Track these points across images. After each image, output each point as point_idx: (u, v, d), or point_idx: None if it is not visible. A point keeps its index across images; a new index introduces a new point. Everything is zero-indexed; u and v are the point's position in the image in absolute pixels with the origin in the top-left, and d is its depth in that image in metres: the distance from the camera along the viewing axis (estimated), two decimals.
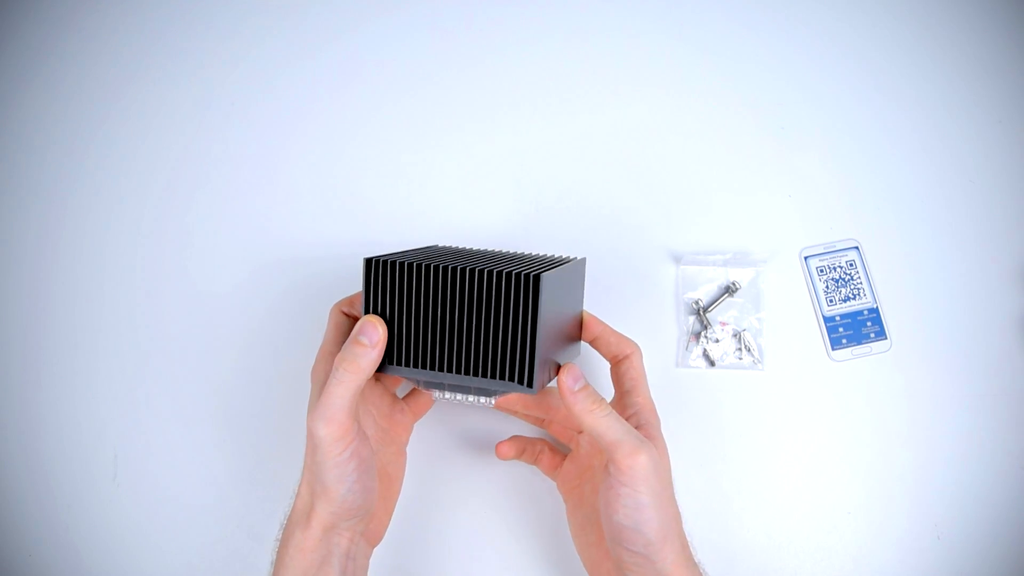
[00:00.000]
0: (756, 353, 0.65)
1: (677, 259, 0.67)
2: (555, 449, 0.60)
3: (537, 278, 0.46)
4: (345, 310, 0.55)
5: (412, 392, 0.60)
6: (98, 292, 0.68)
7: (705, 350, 0.65)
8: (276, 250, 0.68)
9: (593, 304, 0.62)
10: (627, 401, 0.53)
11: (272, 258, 0.68)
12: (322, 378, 0.51)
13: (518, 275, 0.47)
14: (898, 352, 0.65)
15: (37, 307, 0.68)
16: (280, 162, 0.71)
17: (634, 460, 0.46)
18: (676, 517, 0.49)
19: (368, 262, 0.50)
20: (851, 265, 0.67)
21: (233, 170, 0.71)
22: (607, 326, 0.56)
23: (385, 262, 0.49)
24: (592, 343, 0.57)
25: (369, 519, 0.52)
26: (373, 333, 0.48)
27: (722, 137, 0.70)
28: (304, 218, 0.69)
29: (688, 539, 0.50)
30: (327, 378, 0.48)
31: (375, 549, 0.55)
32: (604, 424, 0.47)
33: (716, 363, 0.65)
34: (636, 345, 0.55)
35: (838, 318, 0.66)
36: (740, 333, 0.65)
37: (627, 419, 0.51)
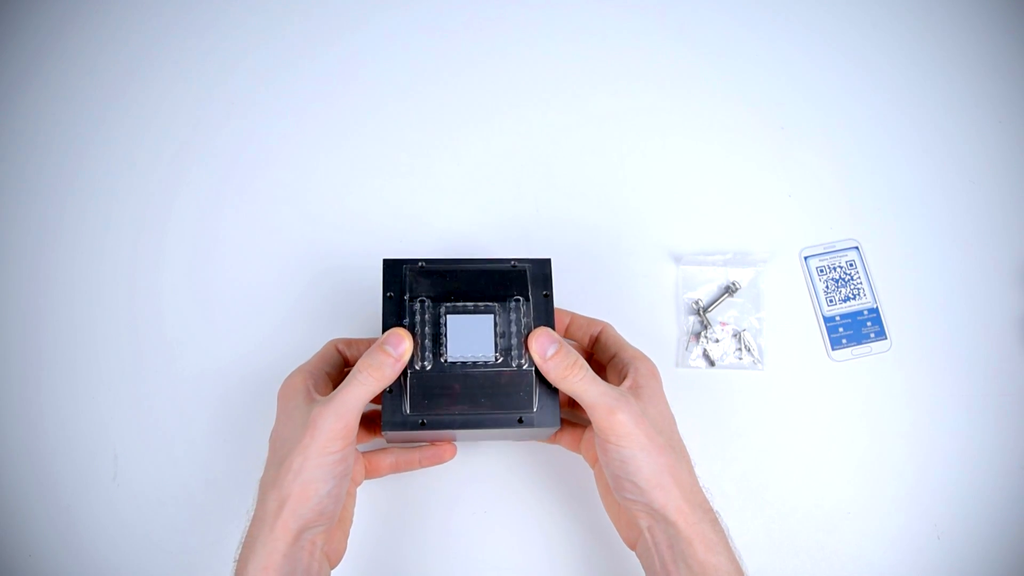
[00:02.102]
0: (756, 353, 0.65)
1: (677, 259, 0.67)
2: (574, 424, 0.58)
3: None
4: (341, 347, 0.55)
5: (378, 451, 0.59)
6: (98, 292, 0.68)
7: (705, 350, 0.65)
8: (276, 250, 0.68)
9: (593, 304, 0.62)
10: (616, 360, 0.54)
11: (272, 258, 0.68)
12: (293, 396, 0.50)
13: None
14: (898, 352, 0.65)
15: (37, 307, 0.68)
16: (280, 162, 0.71)
17: (612, 419, 0.47)
18: (672, 464, 0.49)
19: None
20: (851, 265, 0.67)
21: (233, 170, 0.70)
22: (573, 313, 0.58)
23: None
24: (565, 335, 0.58)
25: (331, 533, 0.51)
26: (400, 344, 0.48)
27: (722, 137, 0.70)
28: (304, 218, 0.69)
29: (698, 480, 0.50)
30: (303, 395, 0.49)
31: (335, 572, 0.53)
32: (580, 388, 0.48)
33: (716, 363, 0.65)
34: (605, 321, 0.57)
35: (838, 318, 0.66)
36: (740, 333, 0.65)
37: (624, 376, 0.52)
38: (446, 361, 0.50)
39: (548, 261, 0.55)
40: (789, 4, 0.73)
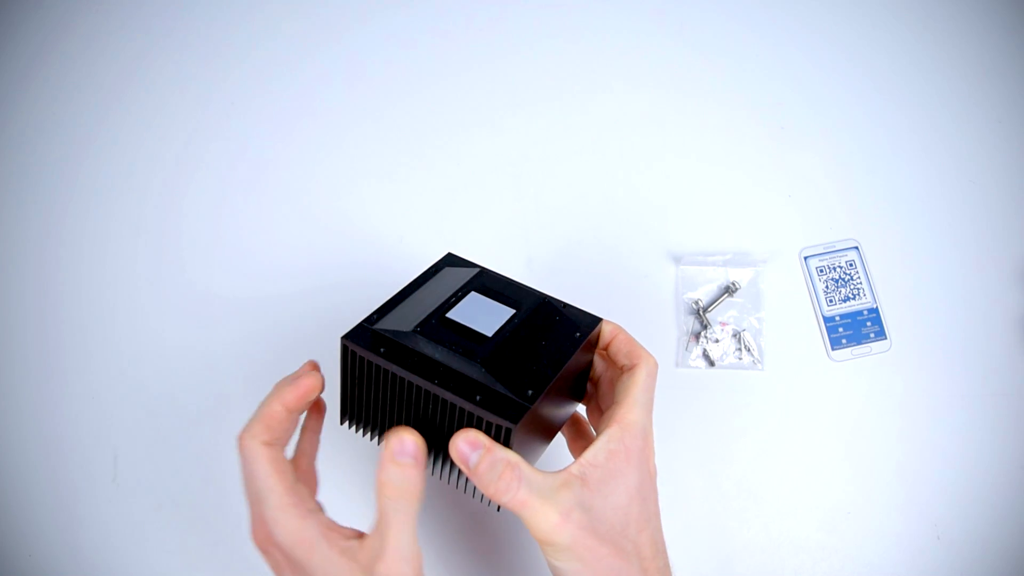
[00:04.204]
0: (756, 353, 0.65)
1: (677, 259, 0.67)
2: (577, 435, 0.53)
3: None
4: (289, 401, 0.43)
5: None
6: (98, 292, 0.68)
7: (705, 350, 0.65)
8: (276, 250, 0.68)
9: (593, 304, 0.62)
10: (610, 415, 0.44)
11: (272, 258, 0.68)
12: (313, 549, 0.39)
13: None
14: (898, 352, 0.65)
15: (37, 308, 0.68)
16: (280, 162, 0.71)
17: (541, 525, 0.39)
18: (623, 568, 0.40)
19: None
20: (851, 265, 0.67)
21: (232, 170, 0.71)
22: (623, 332, 0.48)
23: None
24: (603, 352, 0.49)
25: None
26: (403, 446, 0.40)
27: (722, 137, 0.70)
28: (304, 218, 0.69)
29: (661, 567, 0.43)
30: (326, 544, 0.39)
31: None
32: (513, 508, 0.39)
33: (716, 363, 0.65)
34: (648, 357, 0.46)
35: (838, 318, 0.66)
36: (740, 333, 0.65)
37: (605, 442, 0.42)
38: (438, 320, 0.43)
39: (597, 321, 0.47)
40: (789, 4, 0.73)
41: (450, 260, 0.51)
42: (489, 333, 0.43)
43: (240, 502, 0.63)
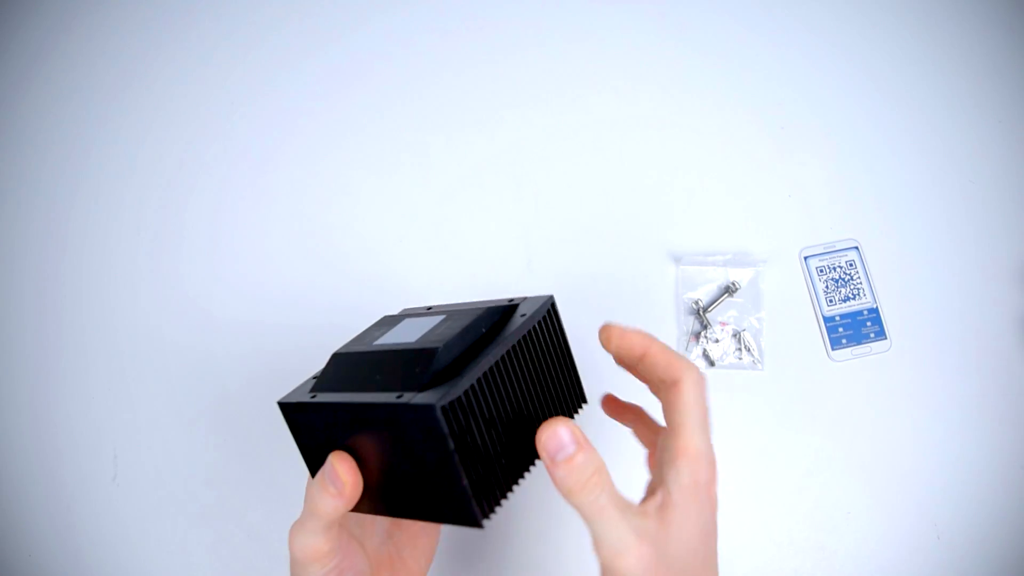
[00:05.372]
0: (756, 353, 0.65)
1: (677, 259, 0.67)
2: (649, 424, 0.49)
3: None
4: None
5: None
6: (98, 292, 0.68)
7: (705, 350, 0.65)
8: (276, 249, 0.68)
9: (594, 304, 0.62)
10: (665, 447, 0.40)
11: (271, 258, 0.68)
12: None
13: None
14: (898, 352, 0.65)
15: (38, 308, 0.68)
16: (280, 162, 0.71)
17: (617, 564, 0.36)
18: None
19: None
20: (851, 265, 0.67)
21: (233, 170, 0.71)
22: (656, 342, 0.42)
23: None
24: (631, 367, 0.44)
25: None
26: (336, 480, 0.39)
27: (722, 137, 0.70)
28: (304, 217, 0.69)
29: None
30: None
31: None
32: (590, 512, 0.37)
33: (716, 363, 0.65)
34: (690, 367, 0.41)
35: (838, 318, 0.66)
36: (740, 333, 0.65)
37: (676, 476, 0.38)
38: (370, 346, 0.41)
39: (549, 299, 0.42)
40: (789, 4, 0.73)
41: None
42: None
43: (239, 501, 0.63)
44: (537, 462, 0.40)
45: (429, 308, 0.46)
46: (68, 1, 0.75)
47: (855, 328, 0.66)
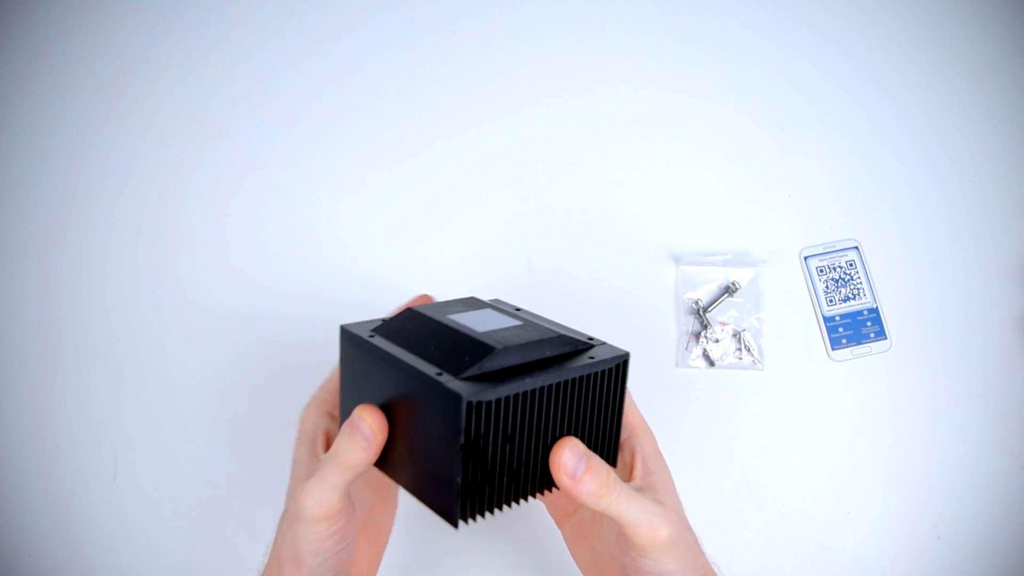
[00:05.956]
0: (756, 353, 0.65)
1: (677, 259, 0.67)
2: None
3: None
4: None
5: None
6: (98, 293, 0.68)
7: (705, 350, 0.65)
8: (276, 248, 0.68)
9: (594, 304, 0.62)
10: (627, 447, 0.46)
11: (272, 258, 0.68)
12: (303, 440, 0.46)
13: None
14: (898, 352, 0.65)
15: (38, 308, 0.68)
16: (280, 161, 0.71)
17: (656, 538, 0.40)
18: (699, 564, 0.43)
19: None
20: (851, 265, 0.67)
21: (233, 170, 0.70)
22: None
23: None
24: None
25: None
26: (367, 432, 0.41)
27: (722, 137, 0.70)
28: (304, 217, 0.69)
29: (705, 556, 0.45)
30: (308, 445, 0.44)
31: None
32: (616, 508, 0.40)
33: (716, 363, 0.65)
34: None
35: (838, 318, 0.66)
36: (740, 333, 0.65)
37: (633, 451, 0.45)
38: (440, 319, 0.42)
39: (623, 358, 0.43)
40: (789, 4, 0.73)
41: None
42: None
43: (239, 501, 0.63)
44: (530, 498, 0.42)
45: (518, 309, 0.47)
46: (68, 1, 0.75)
47: (855, 328, 0.66)
